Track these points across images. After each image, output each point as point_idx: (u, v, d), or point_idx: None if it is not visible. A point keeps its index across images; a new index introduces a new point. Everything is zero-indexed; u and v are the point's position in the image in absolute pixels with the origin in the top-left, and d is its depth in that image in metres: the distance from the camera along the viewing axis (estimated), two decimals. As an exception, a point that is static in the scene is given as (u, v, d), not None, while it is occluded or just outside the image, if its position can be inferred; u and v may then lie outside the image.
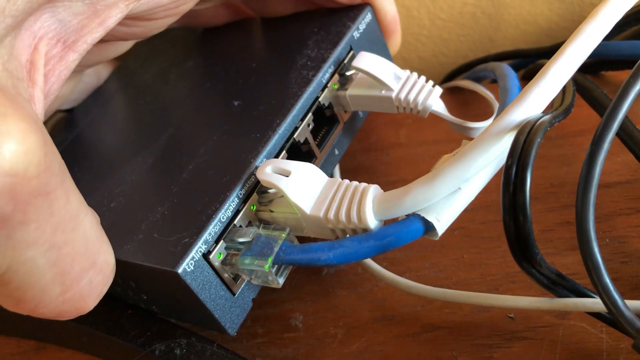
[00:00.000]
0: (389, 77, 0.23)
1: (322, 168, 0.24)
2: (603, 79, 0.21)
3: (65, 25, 0.18)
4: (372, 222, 0.19)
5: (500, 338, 0.23)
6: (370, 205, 0.19)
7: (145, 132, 0.26)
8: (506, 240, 0.19)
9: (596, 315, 0.21)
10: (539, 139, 0.18)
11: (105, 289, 0.18)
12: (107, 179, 0.24)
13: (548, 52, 0.33)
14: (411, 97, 0.23)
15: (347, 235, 0.20)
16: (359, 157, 0.31)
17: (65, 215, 0.16)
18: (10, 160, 0.14)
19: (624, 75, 0.19)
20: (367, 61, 0.23)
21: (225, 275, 0.20)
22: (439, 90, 0.24)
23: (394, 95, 0.23)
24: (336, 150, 0.25)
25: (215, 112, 0.24)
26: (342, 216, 0.19)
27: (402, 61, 0.41)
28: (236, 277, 0.21)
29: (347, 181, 0.20)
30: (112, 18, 0.19)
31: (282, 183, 0.19)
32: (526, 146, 0.18)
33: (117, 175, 0.24)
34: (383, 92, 0.24)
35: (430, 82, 0.24)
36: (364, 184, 0.20)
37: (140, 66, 0.31)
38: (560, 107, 0.21)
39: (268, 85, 0.24)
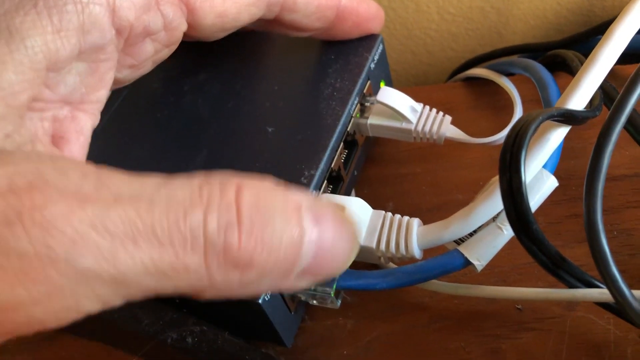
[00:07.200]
0: (408, 111, 0.26)
1: (347, 188, 0.26)
2: (611, 72, 0.21)
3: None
4: (417, 253, 0.22)
5: (508, 329, 0.23)
6: (415, 238, 0.22)
7: (174, 154, 0.24)
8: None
9: (604, 305, 0.21)
10: (533, 127, 0.18)
11: None
12: None
13: (557, 46, 0.33)
14: (427, 128, 0.26)
15: (390, 261, 0.23)
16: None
17: None
18: None
19: (632, 68, 0.20)
20: (391, 96, 0.25)
21: (287, 297, 0.22)
22: (448, 117, 0.26)
23: (413, 127, 0.26)
24: (355, 171, 0.27)
25: (250, 137, 0.24)
26: (392, 248, 0.22)
27: (411, 55, 0.41)
28: (294, 298, 0.23)
29: (390, 214, 0.23)
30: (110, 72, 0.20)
31: None
32: (520, 133, 0.18)
33: None
34: (403, 124, 0.26)
35: (441, 113, 0.26)
36: (406, 218, 0.22)
37: None
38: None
39: (299, 114, 0.25)
